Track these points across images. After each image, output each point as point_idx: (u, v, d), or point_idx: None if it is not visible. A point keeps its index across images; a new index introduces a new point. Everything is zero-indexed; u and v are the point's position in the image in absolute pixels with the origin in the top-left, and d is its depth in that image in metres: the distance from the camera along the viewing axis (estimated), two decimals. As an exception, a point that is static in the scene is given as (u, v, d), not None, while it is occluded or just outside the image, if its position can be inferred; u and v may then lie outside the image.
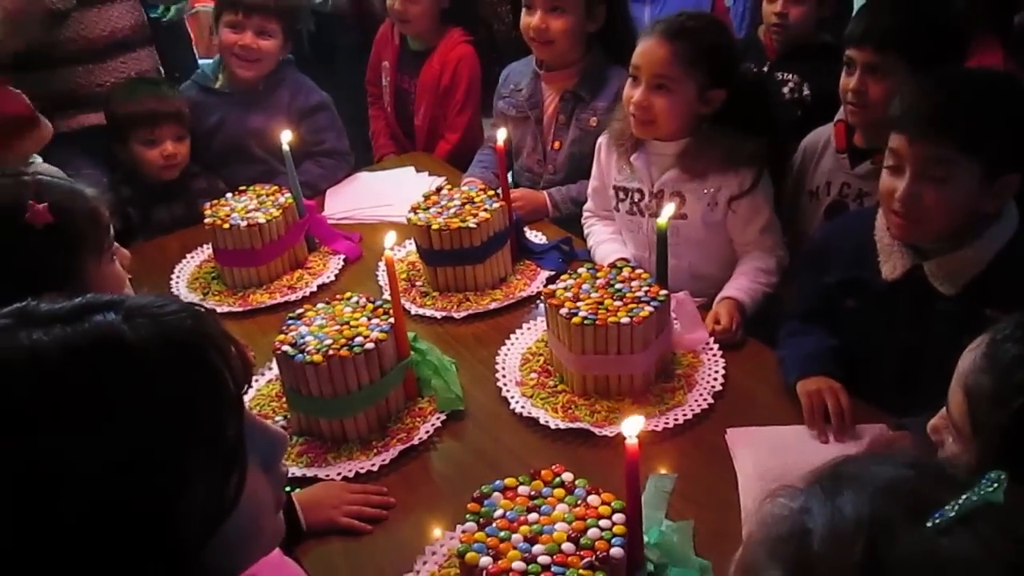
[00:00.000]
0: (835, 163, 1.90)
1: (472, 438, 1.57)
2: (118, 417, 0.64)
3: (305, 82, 2.57)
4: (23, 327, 0.67)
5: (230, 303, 2.00)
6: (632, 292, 1.60)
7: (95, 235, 1.31)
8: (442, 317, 1.88)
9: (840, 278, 1.59)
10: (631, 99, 1.83)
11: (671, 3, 2.72)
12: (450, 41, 2.63)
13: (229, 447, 0.71)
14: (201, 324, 0.72)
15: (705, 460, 1.47)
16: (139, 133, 2.30)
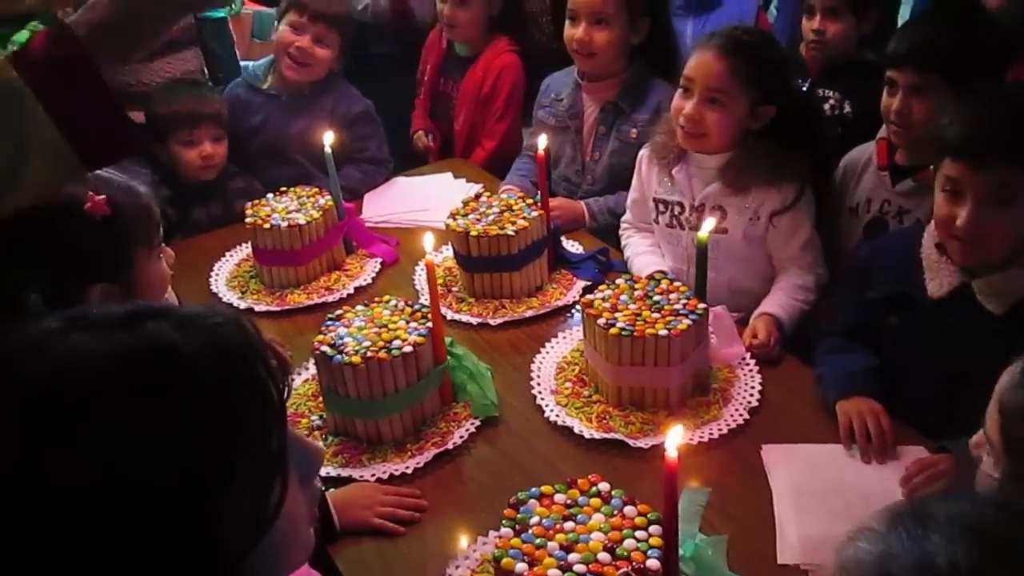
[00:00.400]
0: (876, 180, 1.89)
1: (506, 445, 1.58)
2: (169, 425, 0.65)
3: (350, 90, 2.59)
4: (76, 331, 0.67)
5: (268, 302, 2.02)
6: (670, 304, 1.60)
7: (146, 231, 1.35)
8: (478, 323, 1.88)
9: (884, 294, 1.58)
10: (681, 111, 1.83)
11: (713, 18, 2.72)
12: (495, 49, 2.65)
13: (273, 457, 0.71)
14: (247, 336, 0.73)
15: (740, 475, 1.47)
16: (178, 134, 2.32)
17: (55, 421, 0.63)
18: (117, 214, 1.28)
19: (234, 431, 0.67)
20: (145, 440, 0.63)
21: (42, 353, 0.66)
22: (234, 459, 0.67)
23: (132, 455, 0.63)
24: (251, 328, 0.74)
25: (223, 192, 2.43)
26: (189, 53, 2.76)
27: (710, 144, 1.84)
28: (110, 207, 1.27)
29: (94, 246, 1.26)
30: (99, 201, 1.26)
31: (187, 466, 0.64)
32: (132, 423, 0.64)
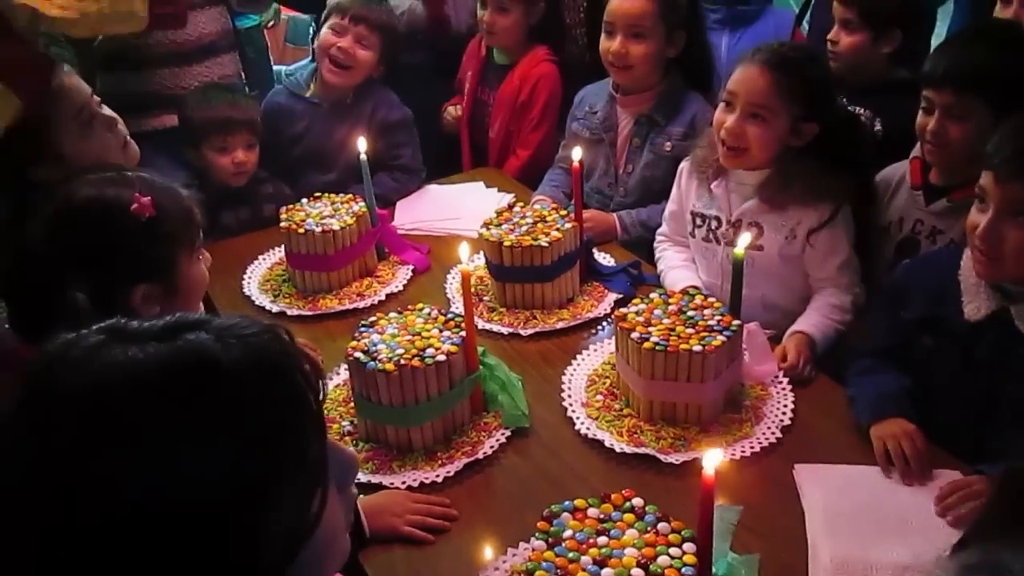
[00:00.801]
0: (909, 199, 1.88)
1: (536, 456, 1.58)
2: (211, 435, 0.65)
3: (390, 97, 2.61)
4: (117, 343, 0.68)
5: (300, 307, 2.04)
6: (704, 320, 1.60)
7: (188, 233, 1.37)
8: (508, 333, 1.89)
9: (920, 315, 1.57)
10: (722, 124, 1.83)
11: (749, 33, 2.71)
12: (534, 58, 2.66)
13: (313, 465, 0.71)
14: (285, 346, 0.73)
15: (771, 494, 1.46)
16: (212, 140, 2.34)
17: (99, 436, 0.64)
18: (162, 216, 1.31)
19: (274, 440, 0.68)
20: (187, 451, 0.64)
21: (85, 368, 0.66)
22: (275, 468, 0.67)
23: (174, 467, 0.63)
24: (288, 337, 0.75)
25: (253, 197, 2.45)
26: (227, 58, 2.80)
27: (751, 160, 1.84)
28: (155, 208, 1.29)
29: (139, 247, 1.29)
30: (145, 202, 1.28)
31: (229, 476, 0.65)
32: (174, 435, 0.64)
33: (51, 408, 0.65)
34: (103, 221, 1.27)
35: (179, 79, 2.69)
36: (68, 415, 0.65)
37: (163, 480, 0.63)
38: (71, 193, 1.29)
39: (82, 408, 0.65)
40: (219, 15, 2.75)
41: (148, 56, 2.64)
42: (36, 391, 0.67)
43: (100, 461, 0.63)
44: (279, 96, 2.65)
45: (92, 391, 0.65)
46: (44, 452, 0.64)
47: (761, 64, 1.79)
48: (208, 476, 0.64)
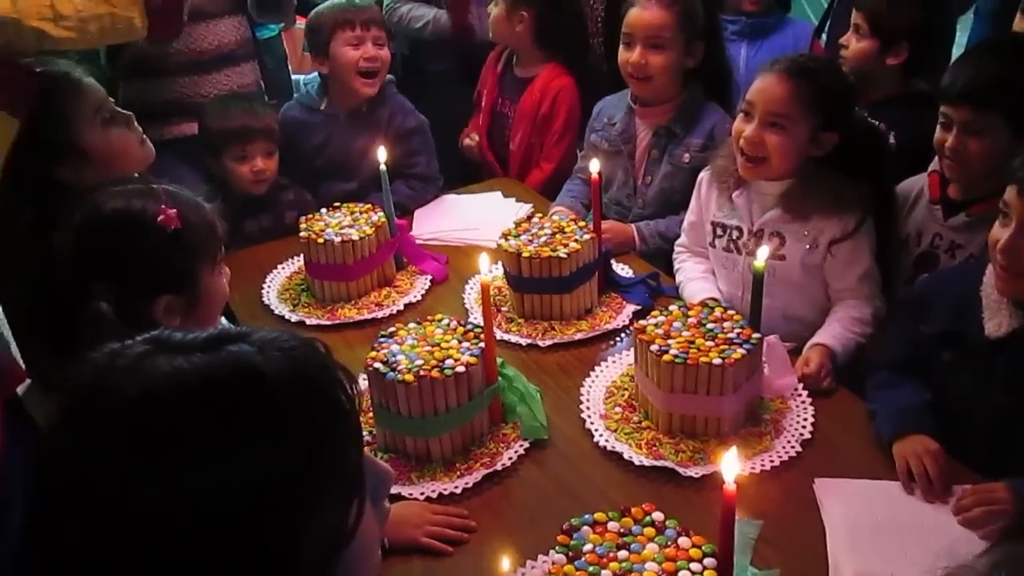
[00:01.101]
0: (928, 213, 1.87)
1: (555, 468, 1.57)
2: (254, 444, 0.66)
3: (405, 104, 2.62)
4: (163, 353, 0.69)
5: (319, 316, 2.05)
6: (724, 333, 1.59)
7: (211, 246, 1.38)
8: (527, 344, 1.89)
9: (939, 330, 1.56)
10: (741, 134, 1.83)
11: (767, 44, 2.71)
12: (552, 71, 2.67)
13: (350, 478, 0.72)
14: (322, 359, 0.74)
15: (791, 508, 1.45)
16: (232, 149, 2.36)
17: (145, 443, 0.65)
18: (186, 228, 1.32)
19: (315, 450, 0.69)
20: (231, 459, 0.65)
21: (132, 377, 0.68)
22: (315, 478, 0.68)
23: (218, 474, 0.64)
24: (325, 351, 0.76)
25: (274, 204, 2.47)
26: (246, 67, 2.82)
27: (771, 170, 1.83)
28: (180, 221, 1.30)
29: (164, 259, 1.30)
30: (171, 215, 1.30)
31: (271, 484, 0.66)
32: (219, 443, 0.65)
33: (99, 415, 0.67)
34: (130, 232, 1.29)
35: (199, 87, 2.72)
36: (116, 423, 0.66)
37: (206, 487, 0.64)
38: (99, 203, 1.30)
39: (130, 416, 0.66)
40: (239, 24, 2.77)
41: (168, 65, 2.67)
42: (85, 399, 0.68)
43: (145, 468, 0.64)
44: (293, 111, 2.66)
45: (140, 400, 0.66)
46: (92, 458, 0.65)
47: (780, 73, 1.79)
48: (250, 484, 0.65)
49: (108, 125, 1.69)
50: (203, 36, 2.68)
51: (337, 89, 2.56)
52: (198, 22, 2.64)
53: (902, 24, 2.19)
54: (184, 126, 2.71)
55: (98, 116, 1.68)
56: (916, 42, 2.21)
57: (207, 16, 2.67)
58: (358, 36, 2.49)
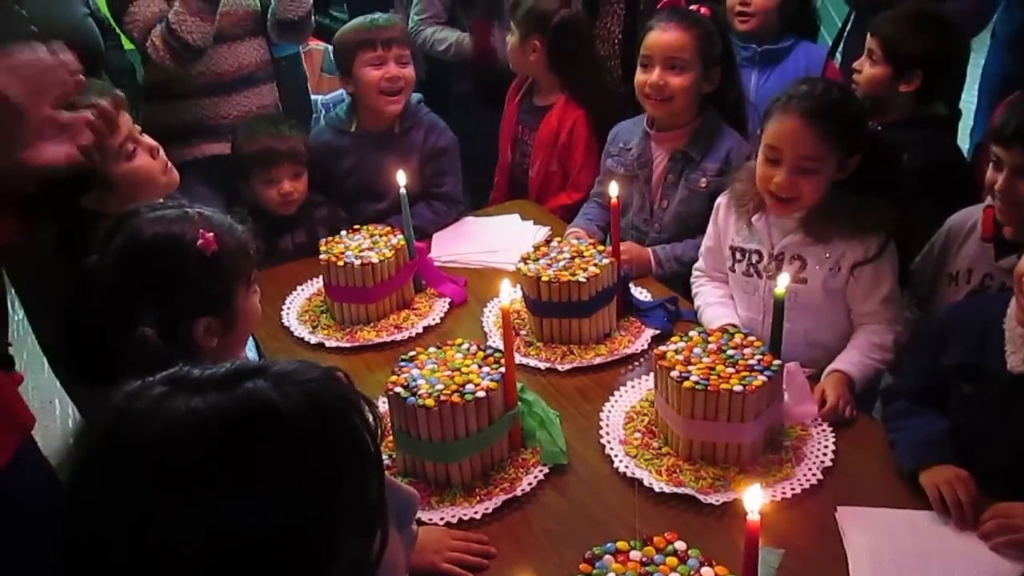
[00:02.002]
0: (980, 250, 1.83)
1: (574, 494, 1.57)
2: (273, 481, 0.67)
3: (438, 122, 2.63)
4: (180, 393, 0.70)
5: (338, 338, 2.06)
6: (744, 360, 1.59)
7: (246, 266, 1.41)
8: (546, 368, 1.89)
9: (960, 362, 1.55)
10: (770, 179, 1.80)
11: (779, 70, 2.71)
12: (567, 101, 2.69)
13: (373, 506, 0.73)
14: (342, 389, 0.75)
15: (813, 537, 1.44)
16: (258, 173, 2.40)
17: (166, 483, 0.66)
18: (222, 251, 1.35)
19: (335, 483, 0.69)
20: (251, 496, 0.66)
21: (150, 419, 0.69)
22: (336, 510, 0.69)
23: (239, 512, 0.65)
24: (345, 381, 0.77)
25: (307, 221, 2.49)
26: (266, 88, 2.85)
27: (803, 207, 1.82)
28: (217, 244, 1.32)
29: (203, 282, 1.33)
30: (210, 238, 1.32)
31: (292, 518, 0.66)
32: (238, 481, 0.66)
33: (121, 457, 0.68)
34: (171, 256, 1.31)
35: (219, 109, 2.75)
36: (137, 464, 0.67)
37: (228, 525, 0.64)
38: (139, 229, 1.32)
39: (150, 457, 0.67)
40: (258, 46, 2.80)
41: (189, 87, 2.70)
42: (106, 442, 0.70)
43: (166, 510, 0.65)
44: (324, 134, 2.66)
45: (158, 442, 0.67)
46: (114, 501, 0.66)
47: (802, 116, 1.76)
48: (272, 519, 0.65)
49: (133, 156, 1.72)
50: (224, 58, 2.72)
51: (364, 109, 2.57)
52: (219, 44, 2.68)
53: (916, 51, 2.20)
54: (205, 147, 2.75)
55: (123, 148, 1.70)
56: (930, 70, 2.20)
57: (228, 39, 2.71)
58: (379, 56, 2.50)
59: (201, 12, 2.51)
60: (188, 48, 2.53)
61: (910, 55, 2.20)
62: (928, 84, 2.22)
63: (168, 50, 2.53)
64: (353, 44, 2.52)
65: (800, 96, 1.79)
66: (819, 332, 1.89)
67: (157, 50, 2.54)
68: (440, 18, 3.04)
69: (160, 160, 1.79)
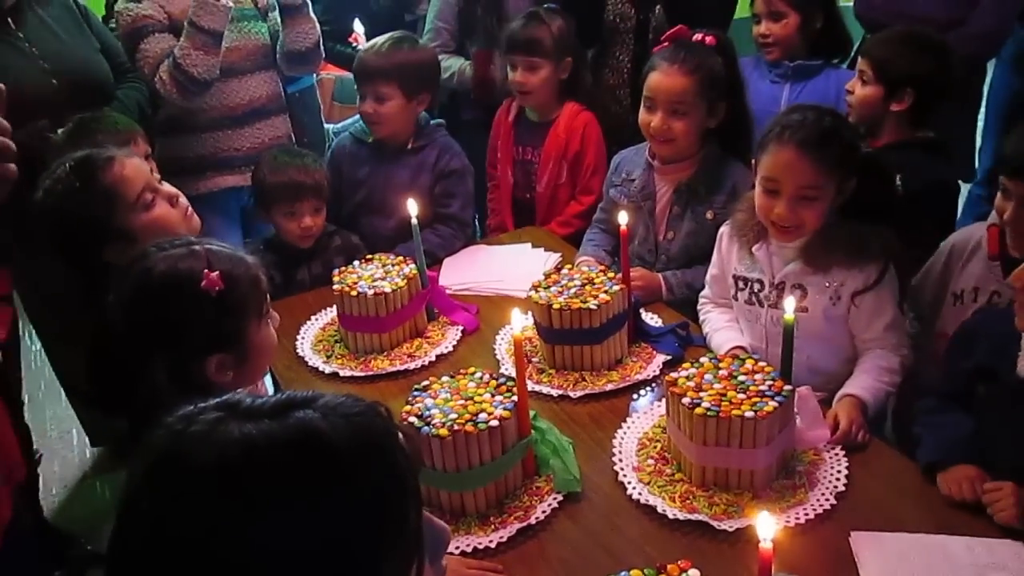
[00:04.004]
0: (986, 268, 1.85)
1: (589, 521, 1.58)
2: (321, 507, 0.69)
3: (454, 146, 2.69)
4: (233, 420, 0.73)
5: (352, 367, 2.07)
6: (756, 385, 1.60)
7: (256, 300, 1.42)
8: (558, 395, 1.90)
9: (976, 364, 1.57)
10: (771, 210, 1.82)
11: (810, 87, 2.69)
12: (571, 111, 2.75)
13: (411, 537, 0.75)
14: (386, 424, 0.78)
15: (827, 563, 1.44)
16: (281, 206, 2.43)
17: (219, 506, 0.68)
18: (231, 287, 1.36)
19: (378, 512, 0.72)
20: (299, 522, 0.68)
21: (205, 442, 0.71)
22: (378, 539, 0.72)
23: (288, 537, 0.68)
24: (387, 415, 0.79)
25: (323, 252, 2.52)
26: (278, 120, 2.90)
27: (806, 234, 1.84)
28: (224, 281, 1.34)
29: (211, 320, 1.34)
30: (214, 278, 1.33)
31: (337, 546, 0.69)
32: (288, 507, 0.69)
33: (175, 481, 0.71)
34: (176, 297, 1.33)
35: (232, 142, 2.80)
36: (191, 488, 0.70)
37: (277, 549, 0.67)
38: (146, 271, 1.34)
39: (204, 482, 0.70)
40: (269, 79, 2.85)
41: (201, 121, 2.75)
42: (161, 464, 0.72)
43: (218, 532, 0.67)
44: (346, 142, 2.76)
45: (214, 466, 0.70)
46: (169, 522, 0.69)
47: (798, 147, 1.77)
48: (318, 545, 0.68)
49: (151, 206, 1.74)
50: (235, 92, 2.76)
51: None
52: (230, 79, 2.73)
53: (905, 70, 2.21)
54: (219, 179, 2.79)
55: (141, 199, 1.73)
56: (921, 89, 2.22)
57: (239, 73, 2.76)
58: (362, 90, 2.60)
59: (205, 46, 2.56)
60: (194, 81, 2.57)
61: (900, 74, 2.21)
62: (919, 105, 2.23)
63: (175, 84, 2.58)
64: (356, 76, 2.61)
65: (793, 127, 1.79)
66: (822, 359, 1.90)
67: (164, 84, 2.59)
68: (448, 47, 3.09)
69: (180, 207, 1.81)
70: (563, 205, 2.79)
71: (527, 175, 2.85)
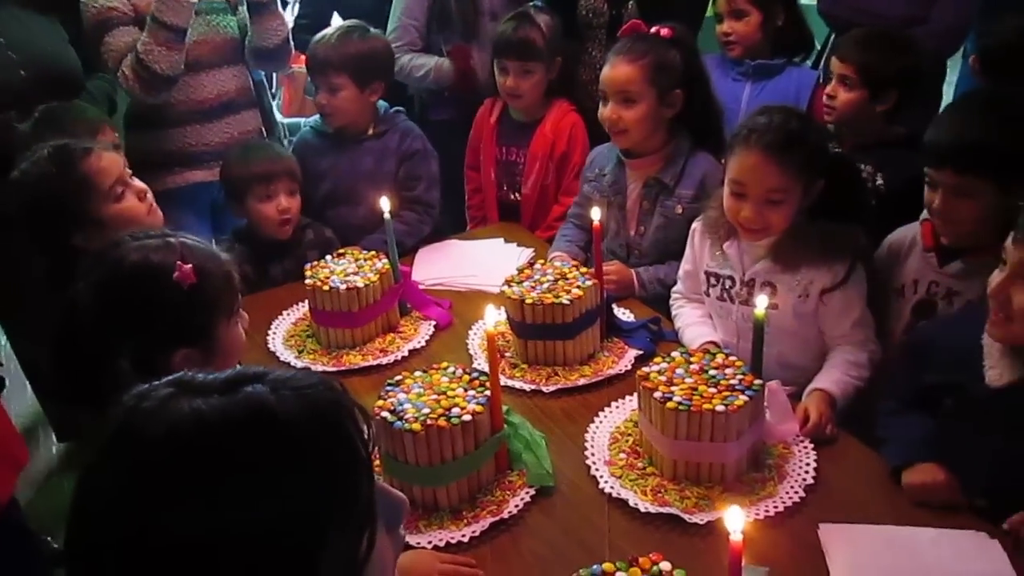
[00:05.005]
0: (923, 261, 1.89)
1: (561, 515, 1.59)
2: (271, 482, 0.71)
3: (413, 128, 2.69)
4: (184, 395, 0.74)
5: (324, 362, 2.07)
6: (727, 380, 1.62)
7: (228, 298, 1.41)
8: (531, 390, 1.91)
9: (940, 380, 1.58)
10: (738, 213, 1.84)
11: (771, 85, 2.71)
12: (560, 110, 2.73)
13: (363, 507, 0.77)
14: (336, 396, 0.79)
15: (796, 555, 1.46)
16: (256, 190, 2.40)
17: (170, 481, 0.70)
18: (203, 282, 1.35)
19: (328, 484, 0.73)
20: (248, 494, 0.70)
21: (157, 418, 0.73)
22: (328, 509, 0.73)
23: (236, 508, 0.69)
24: (340, 388, 0.81)
25: (297, 247, 2.49)
26: (248, 114, 2.87)
27: (775, 233, 1.86)
28: (197, 275, 1.33)
29: (181, 314, 1.33)
30: (187, 271, 1.32)
31: (287, 517, 0.70)
32: (237, 479, 0.70)
33: (130, 453, 0.72)
34: (147, 288, 1.32)
35: (201, 136, 2.76)
36: (142, 462, 0.71)
37: (225, 520, 0.69)
38: (118, 260, 1.33)
39: (154, 455, 0.71)
40: (239, 73, 2.82)
41: (170, 116, 2.71)
42: (117, 438, 0.74)
43: (171, 502, 0.69)
44: (307, 135, 2.75)
45: (164, 439, 0.71)
46: (121, 496, 0.70)
47: (763, 150, 1.78)
48: (267, 517, 0.69)
49: (121, 198, 1.80)
50: (203, 86, 2.73)
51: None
52: (199, 72, 2.70)
53: (892, 72, 2.24)
54: (188, 175, 2.76)
55: (113, 190, 1.78)
56: (904, 88, 2.25)
57: (206, 66, 2.72)
58: (316, 81, 2.60)
59: (168, 42, 2.51)
60: (157, 77, 2.53)
61: (887, 76, 2.24)
62: (902, 101, 2.26)
63: (138, 80, 2.54)
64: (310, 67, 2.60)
65: (760, 130, 1.81)
66: (792, 355, 1.92)
67: (127, 80, 2.55)
68: (415, 45, 3.05)
69: (147, 202, 1.86)
70: (550, 206, 2.76)
71: (511, 176, 2.83)
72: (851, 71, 2.26)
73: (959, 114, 1.82)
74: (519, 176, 2.79)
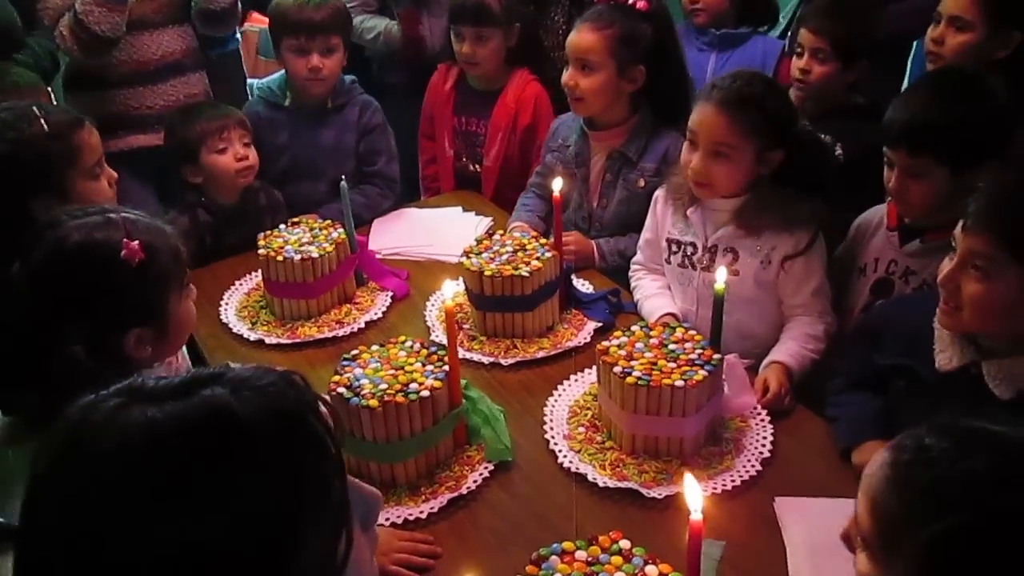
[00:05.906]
0: (885, 241, 1.90)
1: (520, 490, 1.58)
2: (234, 487, 0.67)
3: (372, 102, 2.62)
4: (136, 404, 0.70)
5: (279, 335, 2.02)
6: (686, 354, 1.62)
7: (177, 271, 1.36)
8: (489, 363, 1.89)
9: (892, 361, 1.59)
10: (688, 163, 1.86)
11: (736, 55, 2.70)
12: (520, 80, 2.67)
13: (336, 506, 0.74)
14: (299, 393, 0.76)
15: (753, 528, 1.48)
16: (209, 143, 2.29)
17: (125, 494, 0.66)
18: (151, 258, 1.30)
19: (296, 485, 0.70)
20: (212, 502, 0.66)
21: (106, 431, 0.68)
22: (299, 511, 0.70)
23: (201, 518, 0.65)
24: (302, 384, 0.77)
25: (251, 214, 2.40)
26: (194, 77, 2.78)
27: (719, 192, 1.88)
28: (145, 251, 1.28)
29: (131, 292, 1.28)
30: (134, 248, 1.27)
31: (255, 522, 0.67)
32: (198, 488, 0.66)
33: (80, 471, 0.67)
34: (94, 267, 1.25)
35: (144, 99, 2.67)
36: (96, 478, 0.67)
37: (190, 532, 0.65)
38: (59, 240, 1.26)
39: (108, 469, 0.67)
40: (184, 34, 2.73)
41: (111, 76, 2.62)
42: (63, 455, 0.69)
43: (127, 518, 0.65)
44: (257, 106, 2.61)
45: (116, 453, 0.67)
46: (71, 515, 0.66)
47: (717, 104, 1.82)
48: (235, 525, 0.66)
49: (97, 179, 1.79)
50: (146, 45, 2.63)
51: (297, 86, 2.54)
52: (141, 31, 2.60)
53: (865, 43, 2.24)
54: (131, 139, 2.67)
55: (93, 169, 1.77)
56: (873, 57, 2.25)
57: (150, 25, 2.63)
58: (302, 46, 2.46)
59: (108, 3, 2.41)
60: (96, 38, 2.43)
61: (859, 47, 2.24)
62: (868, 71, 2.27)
63: (76, 40, 2.44)
64: (278, 24, 2.50)
65: (722, 87, 1.84)
66: (751, 323, 1.92)
67: (65, 40, 2.45)
68: (370, 6, 2.97)
69: (113, 189, 1.84)
70: (514, 178, 2.68)
71: (471, 147, 2.77)
72: (824, 43, 2.23)
73: (916, 95, 1.82)
74: (480, 147, 2.73)
